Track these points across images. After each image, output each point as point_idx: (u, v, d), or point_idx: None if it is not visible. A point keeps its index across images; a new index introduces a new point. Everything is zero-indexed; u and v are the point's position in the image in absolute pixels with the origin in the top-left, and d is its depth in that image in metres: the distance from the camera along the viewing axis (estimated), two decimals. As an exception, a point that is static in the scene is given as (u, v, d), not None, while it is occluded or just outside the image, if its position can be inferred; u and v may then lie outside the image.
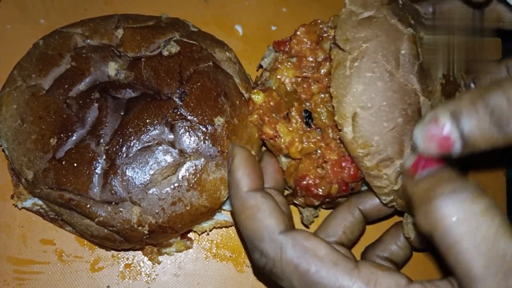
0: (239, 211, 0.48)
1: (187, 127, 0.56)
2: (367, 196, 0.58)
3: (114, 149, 0.55)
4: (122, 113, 0.56)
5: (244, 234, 0.48)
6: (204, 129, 0.56)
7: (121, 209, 0.54)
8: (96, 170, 0.54)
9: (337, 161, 0.54)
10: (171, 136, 0.55)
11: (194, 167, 0.55)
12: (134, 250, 0.64)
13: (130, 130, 0.55)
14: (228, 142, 0.57)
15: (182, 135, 0.56)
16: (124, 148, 0.55)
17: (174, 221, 0.55)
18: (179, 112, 0.56)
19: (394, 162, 0.50)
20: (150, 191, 0.54)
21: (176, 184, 0.55)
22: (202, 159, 0.56)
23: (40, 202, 0.61)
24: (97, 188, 0.54)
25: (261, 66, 0.66)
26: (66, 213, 0.56)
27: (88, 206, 0.54)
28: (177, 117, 0.56)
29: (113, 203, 0.54)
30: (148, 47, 0.60)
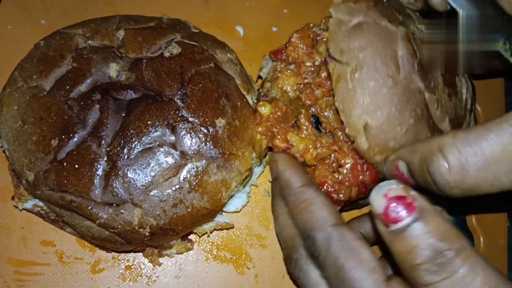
0: (294, 206, 0.51)
1: (188, 129, 0.56)
2: None
3: (116, 150, 0.54)
4: (123, 115, 0.56)
5: (298, 223, 0.50)
6: (205, 130, 0.56)
7: (122, 211, 0.54)
8: (98, 172, 0.54)
9: (354, 164, 0.54)
10: (173, 138, 0.55)
11: (195, 169, 0.55)
12: (135, 251, 0.64)
13: (132, 131, 0.55)
14: (229, 144, 0.57)
15: (184, 136, 0.55)
16: (126, 150, 0.54)
17: (175, 223, 0.55)
18: (180, 114, 0.56)
19: None
20: (152, 193, 0.54)
21: (177, 186, 0.55)
22: (204, 160, 0.56)
23: (40, 204, 0.61)
24: (99, 189, 0.54)
25: (260, 77, 0.66)
26: (67, 215, 0.56)
27: (89, 207, 0.54)
28: (179, 118, 0.56)
29: (114, 204, 0.54)
30: (149, 48, 0.60)
